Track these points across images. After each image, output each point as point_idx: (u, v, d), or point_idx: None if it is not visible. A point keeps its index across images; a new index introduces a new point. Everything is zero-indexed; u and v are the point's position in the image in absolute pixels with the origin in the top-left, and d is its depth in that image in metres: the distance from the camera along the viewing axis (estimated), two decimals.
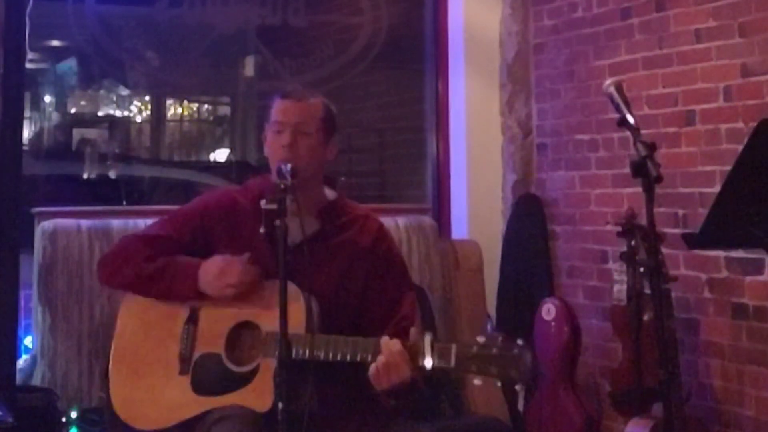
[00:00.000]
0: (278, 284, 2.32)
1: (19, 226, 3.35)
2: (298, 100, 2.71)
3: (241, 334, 2.64)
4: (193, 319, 2.68)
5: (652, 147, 2.36)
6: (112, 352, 2.72)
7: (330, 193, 2.81)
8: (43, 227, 3.61)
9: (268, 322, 2.53)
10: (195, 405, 2.58)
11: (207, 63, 4.97)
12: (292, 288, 2.40)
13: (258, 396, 2.52)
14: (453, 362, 2.42)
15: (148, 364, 2.67)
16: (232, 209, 2.76)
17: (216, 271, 2.63)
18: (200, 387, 2.61)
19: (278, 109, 2.70)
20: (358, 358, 2.49)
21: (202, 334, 2.65)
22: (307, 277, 2.48)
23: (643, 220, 3.35)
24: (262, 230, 2.47)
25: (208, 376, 2.61)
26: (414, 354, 2.44)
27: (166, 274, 2.68)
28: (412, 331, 2.51)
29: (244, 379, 2.57)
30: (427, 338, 2.45)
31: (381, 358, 2.45)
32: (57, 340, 3.51)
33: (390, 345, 2.46)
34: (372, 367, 2.46)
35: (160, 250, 2.72)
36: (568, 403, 3.99)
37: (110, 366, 2.71)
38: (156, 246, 2.73)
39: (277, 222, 2.37)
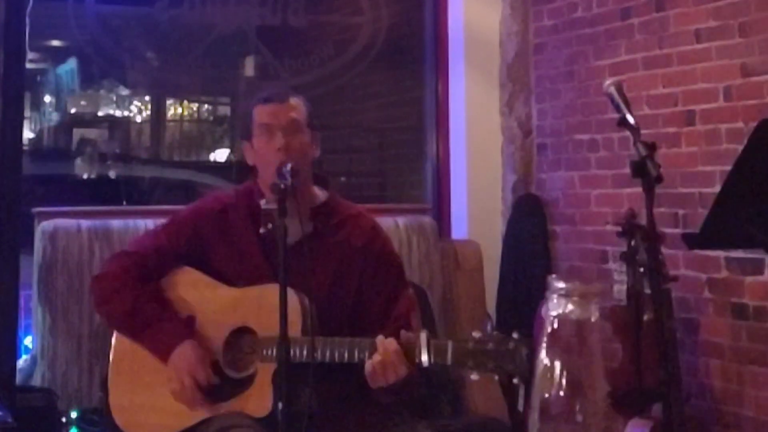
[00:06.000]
0: (273, 288, 2.32)
1: (19, 226, 3.35)
2: (281, 101, 2.70)
3: (238, 340, 2.63)
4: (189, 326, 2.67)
5: (652, 147, 2.36)
6: (111, 358, 2.72)
7: (321, 193, 2.80)
8: (43, 227, 3.61)
9: (265, 326, 2.52)
10: (194, 412, 2.58)
11: (207, 63, 4.96)
12: (288, 291, 2.39)
13: (257, 401, 2.52)
14: (449, 359, 2.42)
15: (146, 371, 2.66)
16: (224, 214, 2.76)
17: (185, 362, 2.58)
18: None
19: (265, 113, 2.69)
20: (356, 358, 2.48)
21: (199, 341, 2.64)
22: (303, 278, 2.47)
23: (643, 220, 3.35)
24: (262, 230, 2.46)
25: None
26: (410, 351, 2.44)
27: (145, 335, 2.65)
28: (402, 333, 2.50)
29: (243, 385, 2.57)
30: (423, 335, 2.45)
31: (377, 357, 2.45)
32: (57, 341, 3.52)
33: (386, 344, 2.46)
34: (368, 366, 2.46)
35: (154, 269, 2.72)
36: None
37: (109, 372, 2.71)
38: (149, 266, 2.72)
39: (269, 226, 2.36)
